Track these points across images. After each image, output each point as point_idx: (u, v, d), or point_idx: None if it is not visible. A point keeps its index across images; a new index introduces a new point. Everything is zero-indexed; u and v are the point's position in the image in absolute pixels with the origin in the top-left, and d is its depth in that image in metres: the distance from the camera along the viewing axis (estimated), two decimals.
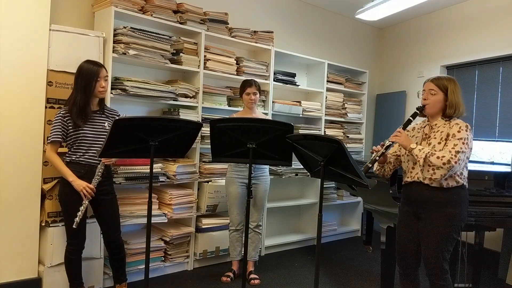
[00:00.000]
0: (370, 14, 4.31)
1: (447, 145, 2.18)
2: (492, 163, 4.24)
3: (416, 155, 2.19)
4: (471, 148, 2.21)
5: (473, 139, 2.29)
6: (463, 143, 2.14)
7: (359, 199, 4.97)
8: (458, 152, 2.11)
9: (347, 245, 4.64)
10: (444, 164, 2.10)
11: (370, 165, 2.27)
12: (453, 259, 3.06)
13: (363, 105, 5.05)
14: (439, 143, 2.23)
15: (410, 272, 2.40)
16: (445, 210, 2.19)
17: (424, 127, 2.38)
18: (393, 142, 2.28)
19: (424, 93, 2.32)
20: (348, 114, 4.82)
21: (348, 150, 2.05)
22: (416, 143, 2.31)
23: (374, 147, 2.34)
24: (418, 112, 2.32)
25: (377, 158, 2.27)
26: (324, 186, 2.38)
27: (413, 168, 2.31)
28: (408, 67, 5.21)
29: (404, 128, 2.31)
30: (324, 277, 3.52)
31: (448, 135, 2.21)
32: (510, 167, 3.68)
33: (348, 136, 4.84)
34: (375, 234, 3.78)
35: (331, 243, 4.70)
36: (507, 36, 4.12)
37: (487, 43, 4.30)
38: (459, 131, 2.17)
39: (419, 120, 2.44)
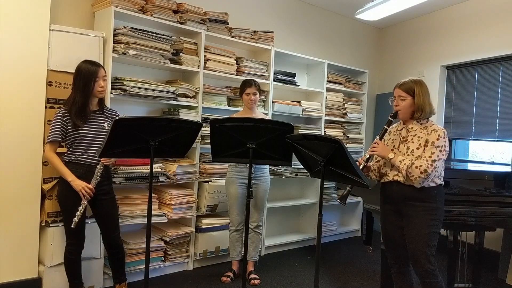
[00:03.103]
0: (370, 14, 4.31)
1: (424, 153, 2.27)
2: (492, 163, 4.24)
3: (398, 167, 2.29)
4: (447, 152, 2.31)
5: (473, 139, 2.34)
6: (440, 151, 2.26)
7: (359, 199, 4.97)
8: (434, 160, 2.23)
9: (347, 245, 4.64)
10: (421, 173, 2.21)
11: None
12: (453, 259, 3.06)
13: (363, 105, 5.05)
14: (418, 148, 2.31)
15: (402, 269, 2.46)
16: (425, 205, 2.29)
17: (401, 129, 2.45)
18: (372, 154, 2.39)
19: (394, 99, 2.40)
20: (348, 114, 4.82)
21: (348, 150, 2.05)
22: (394, 146, 2.42)
23: (359, 159, 2.42)
24: (392, 119, 2.40)
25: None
26: (324, 186, 2.38)
27: (391, 170, 2.39)
28: (408, 67, 5.21)
29: (381, 138, 2.40)
30: (324, 277, 3.52)
31: (427, 141, 2.29)
32: (510, 167, 3.68)
33: (348, 136, 4.84)
34: (375, 234, 3.78)
35: (331, 243, 4.70)
36: (507, 36, 4.12)
37: (487, 43, 4.30)
38: (437, 139, 2.27)
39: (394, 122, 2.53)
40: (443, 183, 2.36)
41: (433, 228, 2.28)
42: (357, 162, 2.38)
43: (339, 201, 2.40)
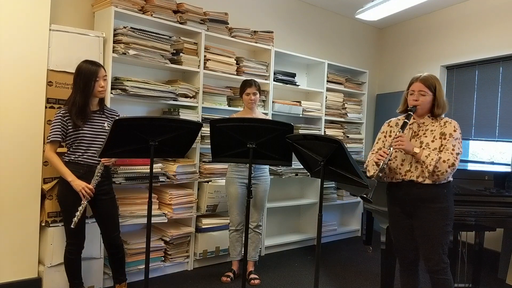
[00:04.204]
0: (370, 14, 4.31)
1: (445, 146, 2.21)
2: (492, 163, 4.23)
3: (424, 162, 2.19)
4: None
5: (473, 139, 2.33)
6: (459, 143, 2.23)
7: (359, 199, 4.97)
8: (458, 153, 2.20)
9: (347, 245, 4.64)
10: (449, 167, 2.16)
11: (381, 174, 2.21)
12: (453, 259, 3.07)
13: (363, 105, 5.05)
14: (433, 141, 2.26)
15: (410, 267, 2.43)
16: (436, 205, 2.24)
17: (411, 124, 2.37)
18: (398, 148, 2.24)
19: (413, 93, 2.31)
20: (348, 114, 4.82)
21: (348, 150, 2.05)
22: None
23: (380, 154, 2.26)
24: (412, 113, 2.31)
25: (385, 166, 2.21)
26: (324, 186, 2.37)
27: (401, 165, 2.31)
28: (408, 67, 5.21)
29: (403, 130, 2.29)
30: (324, 277, 3.52)
31: (443, 134, 2.25)
32: (510, 167, 3.68)
33: (348, 136, 4.84)
34: (375, 234, 3.78)
35: (331, 243, 4.70)
36: (507, 36, 4.12)
37: (487, 43, 4.30)
38: (454, 131, 2.24)
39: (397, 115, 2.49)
40: (452, 179, 2.31)
41: (446, 228, 2.24)
42: (379, 155, 2.24)
43: (365, 196, 2.14)
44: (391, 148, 2.24)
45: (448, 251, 3.00)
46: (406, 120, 2.29)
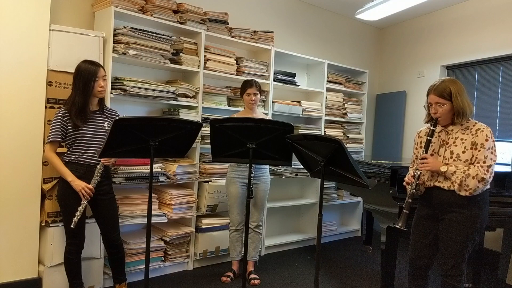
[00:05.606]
0: (370, 14, 4.32)
1: (477, 157, 2.12)
2: None
3: (450, 179, 2.16)
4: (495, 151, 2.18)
5: None
6: (492, 153, 2.13)
7: (359, 199, 4.97)
8: (489, 166, 2.10)
9: (347, 245, 4.64)
10: (479, 182, 2.08)
11: (410, 200, 2.20)
12: None
13: (363, 105, 5.05)
14: (464, 152, 2.17)
15: (421, 272, 2.37)
16: (468, 211, 2.16)
17: (439, 132, 2.30)
18: (424, 170, 2.22)
19: (431, 106, 2.25)
20: (348, 114, 4.82)
21: (348, 150, 2.05)
22: (434, 150, 2.28)
23: (406, 179, 2.28)
24: (434, 129, 2.24)
25: (414, 191, 2.22)
26: (324, 186, 2.37)
27: (432, 176, 2.27)
28: (408, 67, 5.22)
29: (427, 150, 2.24)
30: (324, 277, 3.52)
31: (474, 144, 2.14)
32: (510, 167, 3.68)
33: (348, 136, 4.84)
34: (375, 234, 3.79)
35: (331, 243, 4.70)
36: (507, 36, 4.12)
37: (487, 43, 4.30)
38: (486, 140, 2.12)
39: (425, 125, 2.42)
40: (488, 187, 2.19)
41: (472, 235, 2.17)
42: (406, 179, 2.27)
43: (398, 225, 2.20)
44: (417, 171, 2.21)
45: None
46: (429, 137, 2.23)
